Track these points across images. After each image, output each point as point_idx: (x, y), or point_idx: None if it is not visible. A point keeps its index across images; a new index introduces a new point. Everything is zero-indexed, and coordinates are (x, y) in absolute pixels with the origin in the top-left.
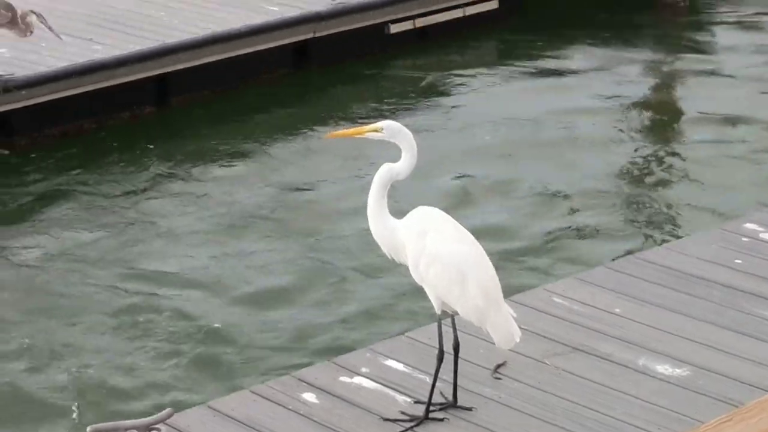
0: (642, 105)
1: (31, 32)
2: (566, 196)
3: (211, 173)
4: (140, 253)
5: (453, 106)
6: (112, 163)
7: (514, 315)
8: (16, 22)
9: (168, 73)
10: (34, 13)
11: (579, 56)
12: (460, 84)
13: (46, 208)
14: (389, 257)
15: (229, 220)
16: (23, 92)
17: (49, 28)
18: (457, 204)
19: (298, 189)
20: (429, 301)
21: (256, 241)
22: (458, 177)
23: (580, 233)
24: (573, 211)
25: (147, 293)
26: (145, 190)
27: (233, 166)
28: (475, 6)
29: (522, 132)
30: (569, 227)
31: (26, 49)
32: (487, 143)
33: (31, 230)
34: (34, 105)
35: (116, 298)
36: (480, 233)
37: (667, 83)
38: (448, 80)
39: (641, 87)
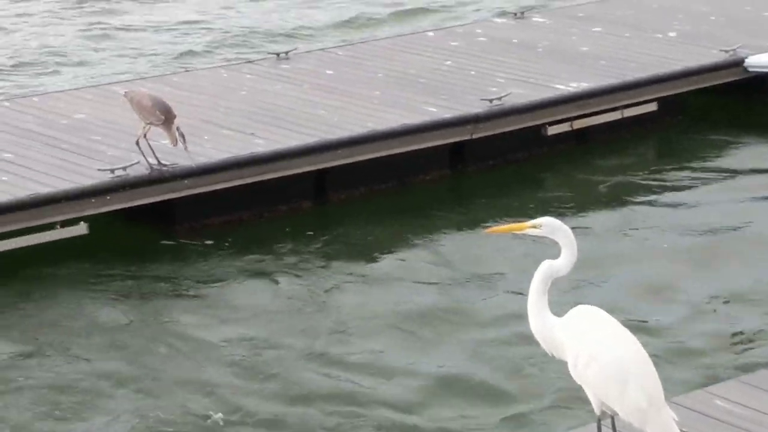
0: None
1: (174, 145)
2: (729, 299)
3: (367, 269)
4: (313, 337)
5: (612, 208)
6: (272, 252)
7: (676, 418)
8: (169, 126)
9: (326, 168)
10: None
11: (745, 156)
12: (620, 186)
13: (206, 292)
14: (549, 354)
15: (394, 319)
16: (185, 182)
17: (185, 148)
18: (617, 302)
19: (457, 286)
20: (589, 401)
21: (427, 330)
22: (619, 275)
23: (744, 336)
24: (737, 312)
25: (342, 378)
26: (304, 278)
27: (390, 262)
28: (634, 108)
29: (686, 232)
30: (733, 329)
31: (190, 141)
32: (649, 245)
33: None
34: (196, 195)
35: (307, 381)
36: (641, 331)
37: None
38: (607, 182)
39: None
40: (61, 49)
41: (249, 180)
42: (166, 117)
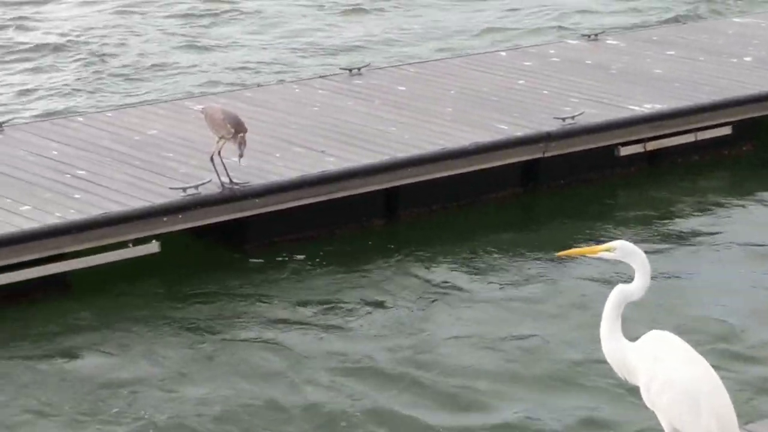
0: None
1: (241, 155)
2: None
3: (438, 288)
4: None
5: (686, 231)
6: (344, 270)
7: None
8: (236, 138)
9: (397, 186)
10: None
11: None
12: (693, 209)
13: (277, 310)
14: (621, 378)
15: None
16: (256, 200)
17: (239, 155)
18: (691, 327)
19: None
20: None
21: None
22: (693, 300)
23: None
24: None
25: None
26: (376, 296)
27: (461, 281)
28: (708, 131)
29: (764, 256)
30: None
31: (261, 158)
32: (726, 269)
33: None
34: (267, 213)
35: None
36: (714, 357)
37: None
38: (680, 205)
39: None
40: (153, 60)
41: (320, 198)
42: (236, 130)
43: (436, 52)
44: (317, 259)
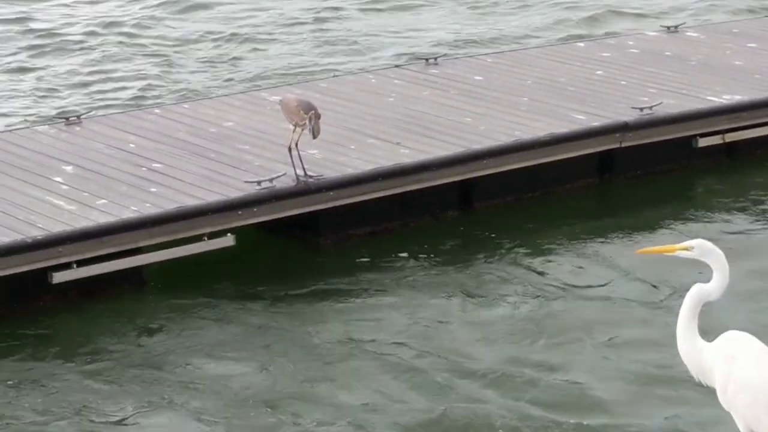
0: None
1: (313, 133)
2: None
3: (515, 280)
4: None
5: (764, 227)
6: (418, 262)
7: None
8: (305, 125)
9: (472, 178)
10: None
11: None
12: None
13: (351, 303)
14: (696, 380)
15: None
16: (331, 193)
17: (312, 133)
18: None
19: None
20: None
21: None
22: None
23: None
24: None
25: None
26: (452, 289)
27: (538, 272)
28: None
29: None
30: None
31: (336, 150)
32: None
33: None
34: (341, 206)
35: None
36: None
37: None
38: (758, 199)
39: None
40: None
41: (395, 191)
42: (316, 115)
43: (513, 42)
44: (392, 253)
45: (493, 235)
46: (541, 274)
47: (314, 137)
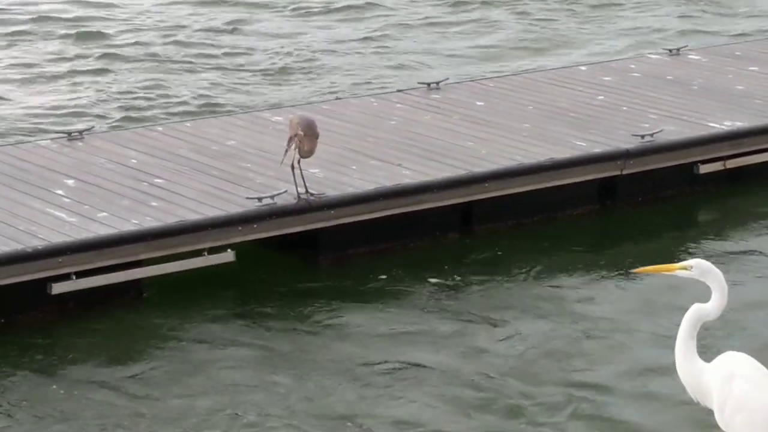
0: None
1: (287, 150)
2: None
3: (513, 303)
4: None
5: (765, 253)
6: (417, 283)
7: None
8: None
9: (473, 201)
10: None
11: None
12: None
13: (351, 321)
14: (694, 400)
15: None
16: (332, 211)
17: (295, 147)
18: (766, 350)
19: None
20: None
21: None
22: None
23: None
24: None
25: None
26: (451, 311)
27: (537, 297)
28: None
29: None
30: None
31: (337, 170)
32: None
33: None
34: (341, 225)
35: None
36: None
37: None
38: (760, 225)
39: None
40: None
41: (395, 211)
42: (304, 133)
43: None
44: (391, 273)
45: (493, 259)
46: (541, 299)
47: (300, 155)
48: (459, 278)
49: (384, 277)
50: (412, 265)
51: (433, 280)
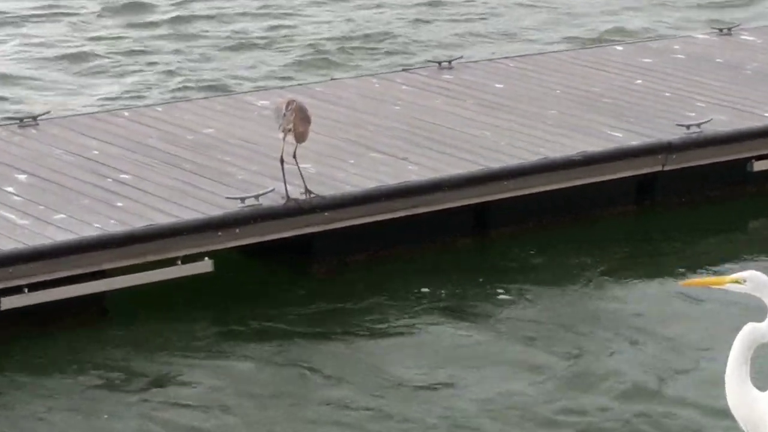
0: None
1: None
2: None
3: (535, 315)
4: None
5: None
6: (423, 294)
7: None
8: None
9: (489, 201)
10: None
11: None
12: None
13: (347, 338)
14: (744, 431)
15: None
16: (326, 214)
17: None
18: None
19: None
20: None
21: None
22: None
23: None
24: None
25: None
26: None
27: (560, 308)
28: None
29: None
30: None
31: (333, 165)
32: None
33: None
34: (337, 229)
35: None
36: None
37: None
38: None
39: None
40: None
41: (399, 213)
42: (297, 115)
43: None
44: (393, 283)
45: (512, 267)
46: (566, 311)
47: (296, 140)
48: (472, 289)
49: (385, 287)
50: (417, 274)
51: (441, 291)
